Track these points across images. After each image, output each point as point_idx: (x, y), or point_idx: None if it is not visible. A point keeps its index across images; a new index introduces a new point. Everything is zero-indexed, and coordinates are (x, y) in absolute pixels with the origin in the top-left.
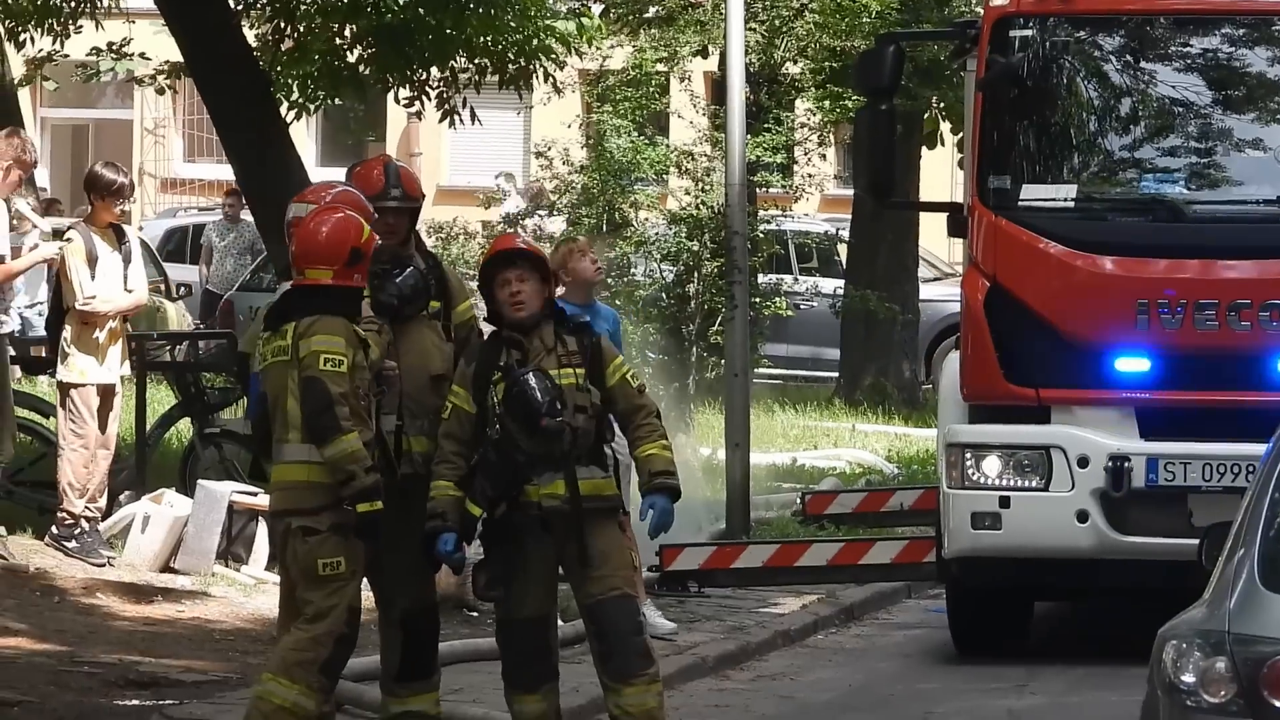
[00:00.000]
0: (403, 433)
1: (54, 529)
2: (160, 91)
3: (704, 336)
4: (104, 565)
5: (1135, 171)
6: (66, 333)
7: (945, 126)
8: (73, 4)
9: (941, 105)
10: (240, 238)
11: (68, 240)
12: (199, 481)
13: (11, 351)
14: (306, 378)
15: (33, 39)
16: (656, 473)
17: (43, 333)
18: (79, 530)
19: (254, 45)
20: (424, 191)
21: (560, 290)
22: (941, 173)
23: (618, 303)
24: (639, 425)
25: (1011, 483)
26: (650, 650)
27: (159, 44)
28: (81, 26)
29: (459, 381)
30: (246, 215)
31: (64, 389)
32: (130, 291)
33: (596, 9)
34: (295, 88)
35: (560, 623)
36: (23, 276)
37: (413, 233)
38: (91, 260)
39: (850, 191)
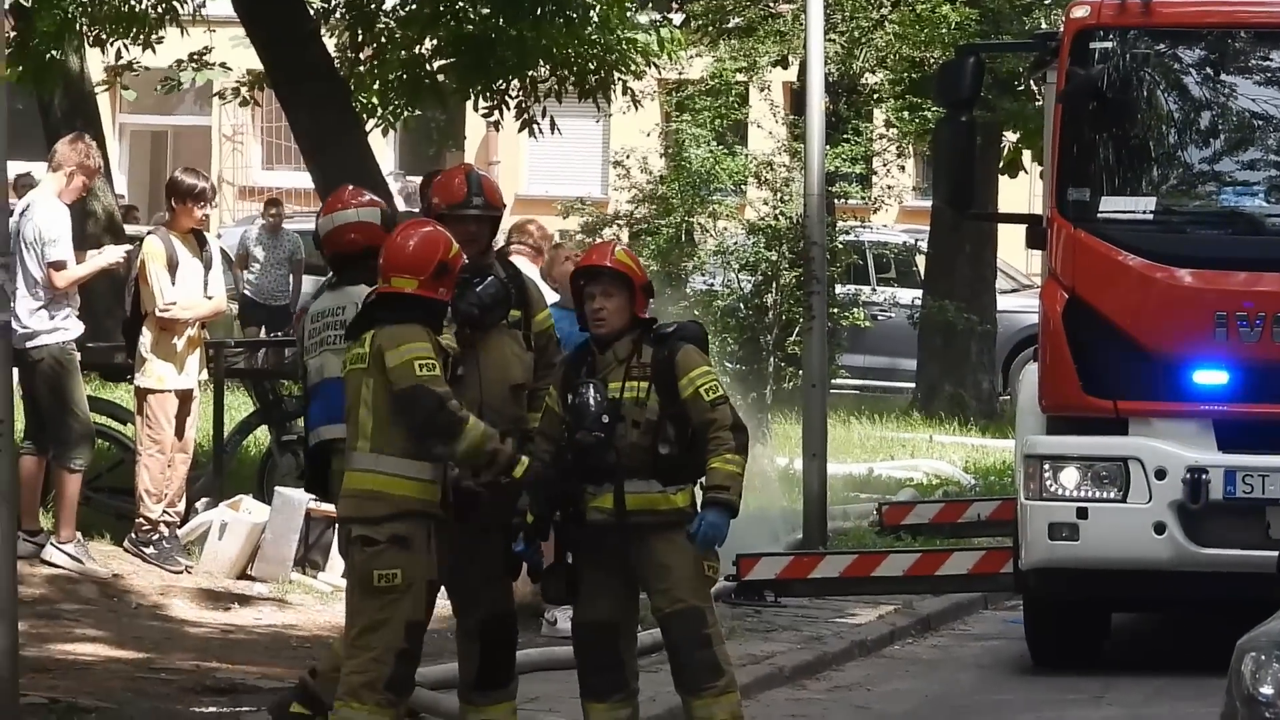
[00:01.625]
0: None
1: (132, 535)
2: (244, 104)
3: (781, 347)
4: (181, 572)
5: (1214, 184)
6: (145, 339)
7: (1026, 155)
8: (158, 9)
9: (1020, 135)
10: (280, 248)
11: (144, 239)
12: (276, 488)
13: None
14: (404, 389)
15: (124, 48)
16: (710, 487)
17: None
18: (156, 536)
19: (334, 54)
20: (505, 201)
21: (555, 298)
22: (1020, 185)
23: (695, 313)
24: (709, 439)
25: (1089, 494)
26: (720, 662)
27: (238, 55)
28: (164, 36)
29: (554, 381)
30: (288, 225)
31: (142, 395)
32: (210, 298)
33: (677, 19)
34: (375, 97)
35: (640, 631)
36: None
37: (492, 242)
38: (172, 266)
39: (928, 202)
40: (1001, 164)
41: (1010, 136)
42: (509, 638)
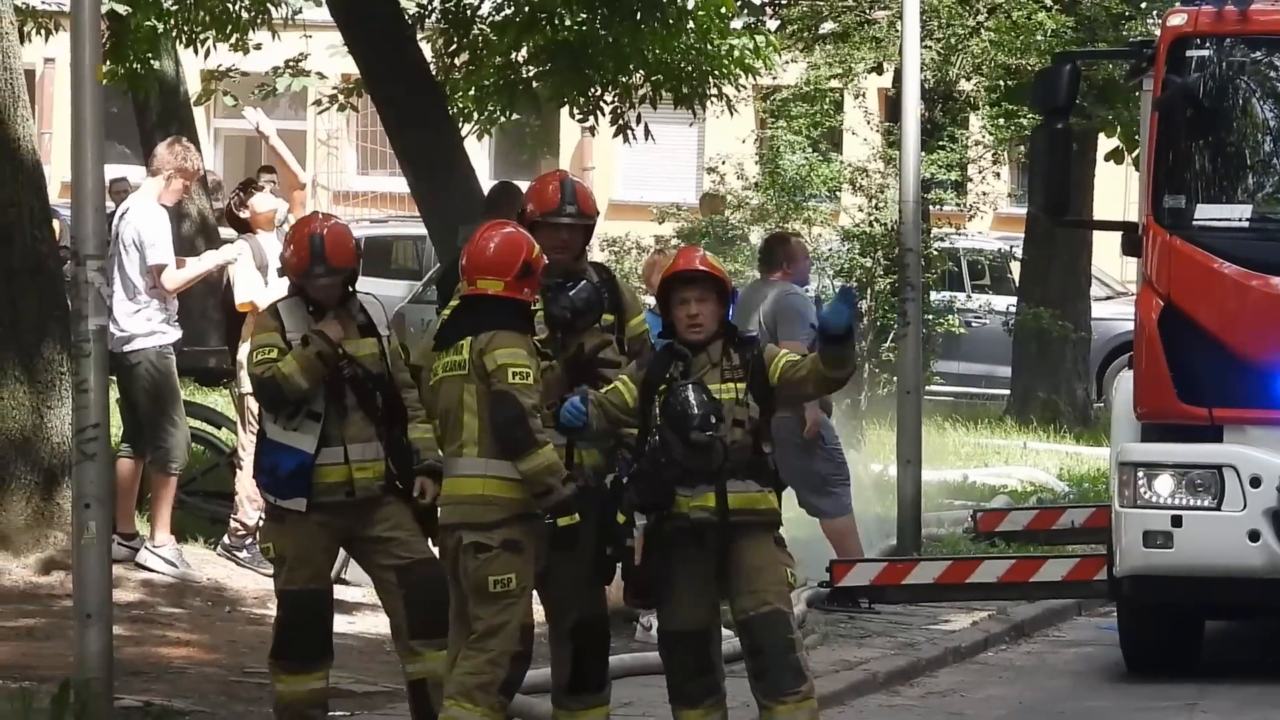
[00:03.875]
0: (573, 445)
1: (226, 539)
2: (341, 109)
3: (876, 353)
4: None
5: None
6: (245, 344)
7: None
8: (250, 13)
9: (1118, 127)
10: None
11: (236, 241)
12: None
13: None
14: (497, 392)
15: (208, 53)
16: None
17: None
18: (250, 541)
19: (429, 59)
20: (598, 208)
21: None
22: (1115, 191)
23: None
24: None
25: (1183, 502)
26: (803, 667)
27: (334, 64)
28: (260, 44)
29: (627, 374)
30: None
31: (242, 400)
32: None
33: (772, 25)
34: (471, 103)
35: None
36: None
37: (586, 248)
38: (262, 267)
39: (1023, 209)
40: (1106, 154)
41: (1108, 142)
42: (602, 642)
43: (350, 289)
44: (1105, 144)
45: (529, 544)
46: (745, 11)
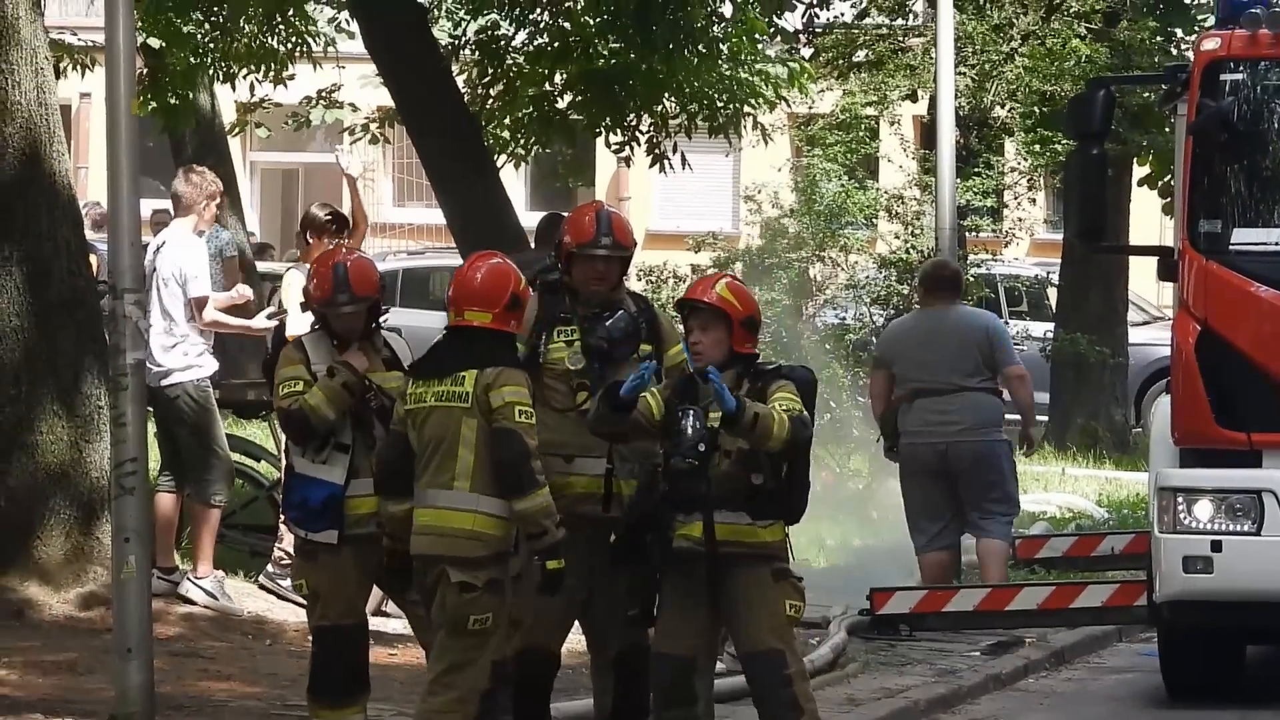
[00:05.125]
0: (612, 475)
1: (269, 568)
2: (374, 141)
3: None
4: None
5: None
6: None
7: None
8: (288, 45)
9: (1152, 151)
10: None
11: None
12: None
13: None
14: (502, 430)
15: (252, 86)
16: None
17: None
18: None
19: (464, 90)
20: (635, 239)
21: None
22: (1150, 216)
23: (827, 347)
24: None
25: (1223, 527)
26: (800, 700)
27: (366, 94)
28: (295, 74)
29: (658, 389)
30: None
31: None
32: None
33: (806, 53)
34: (506, 133)
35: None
36: None
37: (623, 278)
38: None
39: (1059, 235)
40: (1139, 180)
41: (1141, 170)
42: (644, 672)
43: (375, 324)
44: (1140, 169)
45: (507, 581)
46: (779, 40)
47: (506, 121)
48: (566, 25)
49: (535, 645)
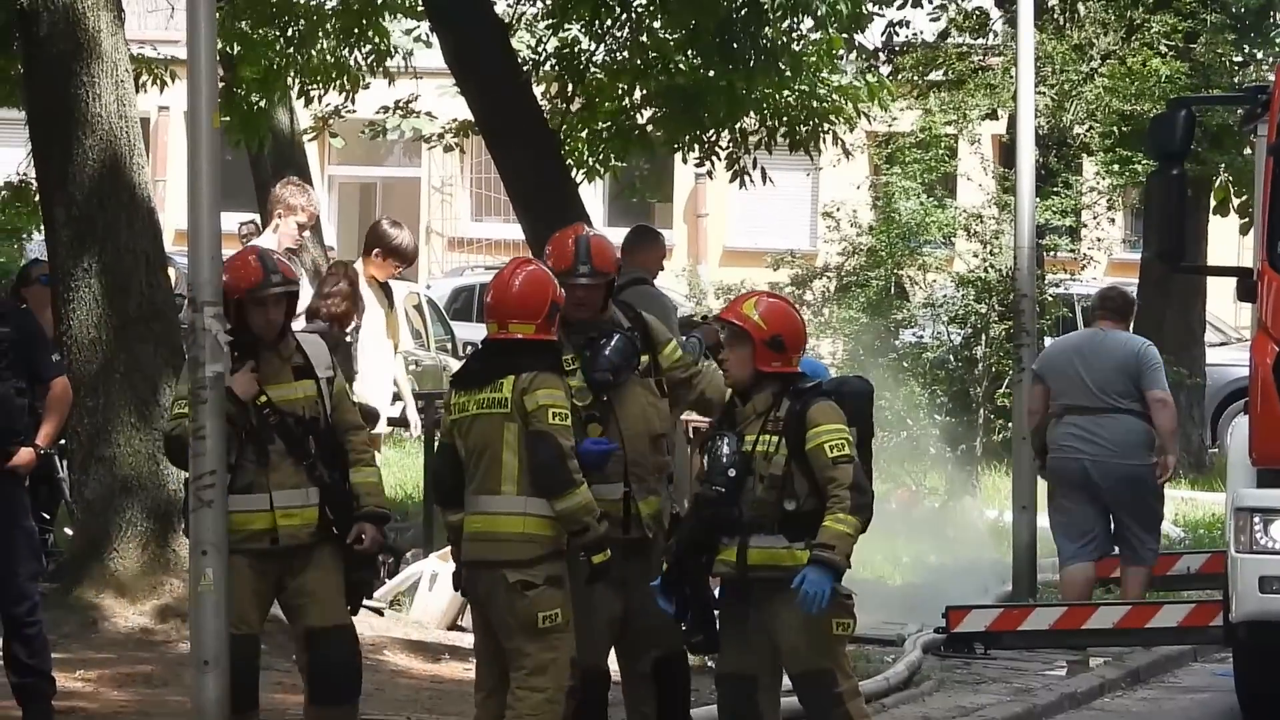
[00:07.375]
0: (630, 497)
1: None
2: (448, 149)
3: (991, 399)
4: (381, 614)
5: None
6: None
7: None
8: (366, 61)
9: (1229, 174)
10: None
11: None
12: None
13: None
14: (536, 432)
15: (319, 97)
16: (817, 544)
17: None
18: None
19: (543, 105)
20: (618, 262)
21: None
22: (1228, 237)
23: (904, 365)
24: (827, 497)
25: None
26: (853, 718)
27: (444, 104)
28: (370, 84)
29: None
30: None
31: None
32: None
33: (885, 70)
34: (585, 149)
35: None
36: None
37: (608, 301)
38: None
39: (1137, 255)
40: (1214, 206)
41: (1222, 173)
42: (685, 677)
43: (287, 330)
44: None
45: (567, 578)
46: (859, 57)
47: (585, 136)
48: (646, 41)
49: (588, 667)
